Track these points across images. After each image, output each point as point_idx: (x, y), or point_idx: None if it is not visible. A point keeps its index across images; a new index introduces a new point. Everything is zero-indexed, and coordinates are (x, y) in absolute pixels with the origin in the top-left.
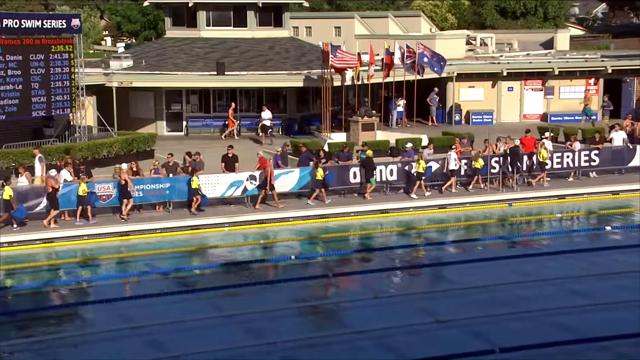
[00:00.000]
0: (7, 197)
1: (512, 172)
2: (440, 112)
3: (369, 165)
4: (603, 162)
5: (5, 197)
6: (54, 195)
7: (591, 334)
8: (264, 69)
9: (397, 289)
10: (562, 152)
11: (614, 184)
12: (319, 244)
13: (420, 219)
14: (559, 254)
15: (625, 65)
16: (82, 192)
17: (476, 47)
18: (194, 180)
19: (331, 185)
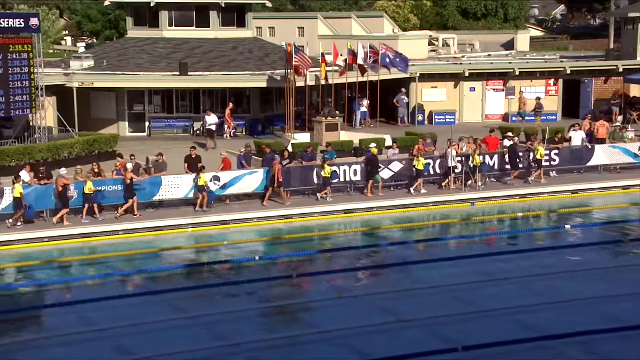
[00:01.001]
0: (18, 194)
1: (511, 169)
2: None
3: (373, 163)
4: (563, 162)
5: (16, 194)
6: (64, 193)
7: (551, 331)
8: (227, 69)
9: (361, 289)
10: (523, 151)
11: (573, 183)
12: (283, 245)
13: (384, 219)
14: (520, 253)
15: (583, 66)
16: (88, 190)
17: (438, 48)
18: (200, 178)
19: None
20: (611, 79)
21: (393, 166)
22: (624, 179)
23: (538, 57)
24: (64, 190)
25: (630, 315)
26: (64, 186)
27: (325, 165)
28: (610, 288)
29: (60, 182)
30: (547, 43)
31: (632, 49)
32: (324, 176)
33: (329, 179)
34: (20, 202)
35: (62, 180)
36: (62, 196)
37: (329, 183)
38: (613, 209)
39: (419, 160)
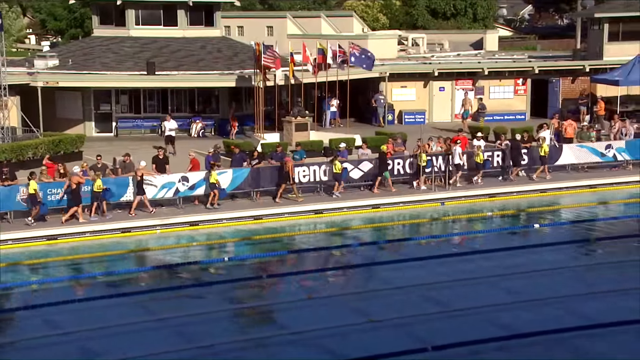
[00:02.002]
0: (33, 190)
1: (513, 166)
2: (373, 112)
3: (382, 160)
4: (531, 161)
5: (31, 191)
6: (77, 191)
7: (522, 330)
8: (196, 68)
9: (331, 289)
10: (492, 151)
11: (542, 182)
12: (253, 245)
13: (354, 219)
14: (490, 252)
15: (551, 66)
16: (97, 187)
17: (408, 47)
18: (212, 175)
19: (262, 185)
20: (578, 78)
21: (363, 166)
22: (591, 178)
23: (507, 57)
24: (78, 188)
25: (599, 313)
26: (78, 184)
27: (337, 162)
28: (579, 286)
29: (74, 180)
30: (516, 43)
31: (598, 49)
32: (335, 172)
33: (339, 175)
34: (35, 199)
35: (77, 178)
36: (75, 194)
37: (339, 179)
38: (581, 207)
39: (421, 157)
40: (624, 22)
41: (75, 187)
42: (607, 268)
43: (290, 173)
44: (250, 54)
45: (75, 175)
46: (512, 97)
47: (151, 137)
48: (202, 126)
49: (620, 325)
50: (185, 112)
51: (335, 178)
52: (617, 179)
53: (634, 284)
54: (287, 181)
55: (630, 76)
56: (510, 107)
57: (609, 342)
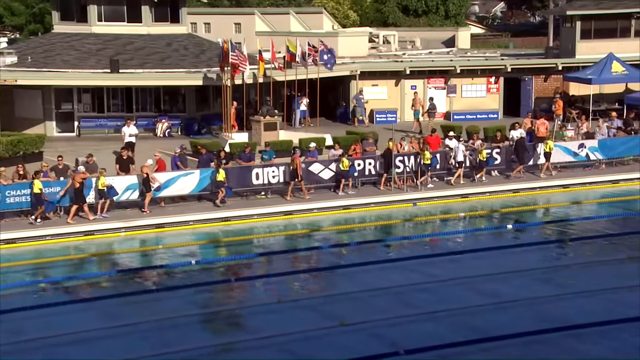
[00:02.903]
0: (38, 190)
1: (518, 163)
2: (343, 111)
3: (388, 157)
4: (504, 161)
5: (36, 190)
6: (81, 189)
7: (496, 333)
8: (161, 66)
9: (301, 293)
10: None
11: (515, 182)
12: (221, 248)
13: (325, 221)
14: (463, 254)
15: (523, 64)
16: (101, 185)
17: (379, 45)
18: (220, 173)
19: (233, 187)
20: (551, 77)
21: (334, 166)
22: (564, 178)
23: (479, 55)
24: (82, 186)
25: (573, 315)
26: (82, 182)
27: (344, 159)
28: (552, 288)
29: (78, 178)
30: (488, 40)
31: (571, 47)
32: (343, 169)
33: (347, 172)
34: (40, 198)
35: (80, 175)
36: (79, 192)
37: (347, 176)
38: (554, 208)
39: (425, 155)
40: (596, 20)
41: (78, 186)
42: (580, 268)
43: (298, 170)
44: (217, 52)
45: (79, 173)
46: (484, 95)
47: (115, 137)
48: (168, 126)
49: (595, 326)
50: (151, 111)
51: (342, 176)
52: (590, 178)
53: (605, 285)
54: (296, 178)
55: (602, 75)
56: (482, 106)
57: (590, 342)
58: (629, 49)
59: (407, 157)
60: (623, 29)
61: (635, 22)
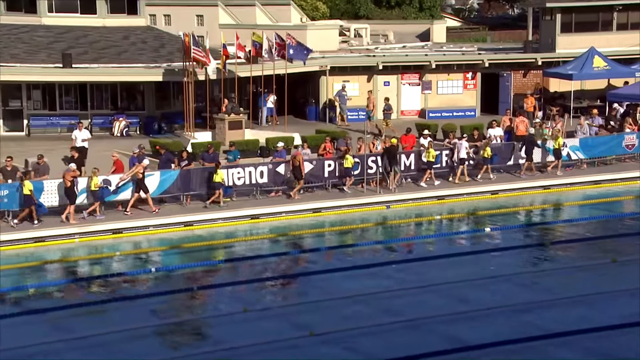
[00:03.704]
0: (28, 191)
1: (526, 159)
2: (313, 109)
3: (392, 154)
4: (481, 160)
5: (26, 191)
6: (72, 188)
7: (474, 342)
8: (118, 61)
9: (269, 301)
10: (440, 150)
11: (492, 183)
12: (183, 254)
13: (294, 224)
14: (440, 259)
15: (502, 59)
16: (94, 186)
17: (350, 39)
18: (218, 174)
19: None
20: (530, 72)
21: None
22: (545, 178)
23: (455, 50)
24: (72, 185)
25: (553, 323)
26: (72, 180)
27: (348, 156)
28: (531, 295)
29: (68, 177)
30: (465, 34)
31: (551, 41)
32: (346, 167)
33: (350, 169)
34: (30, 200)
35: (70, 173)
36: (70, 191)
37: (350, 174)
38: (534, 210)
39: (429, 152)
40: (577, 12)
41: (69, 185)
42: (560, 273)
43: (301, 168)
44: (178, 46)
45: (69, 171)
46: (461, 92)
47: (68, 136)
48: (125, 125)
49: (576, 334)
50: (107, 109)
51: (346, 173)
52: (572, 179)
53: (588, 290)
54: (299, 178)
55: (584, 70)
56: (459, 103)
57: (571, 350)
58: (611, 43)
59: (381, 157)
60: (605, 22)
61: (617, 14)
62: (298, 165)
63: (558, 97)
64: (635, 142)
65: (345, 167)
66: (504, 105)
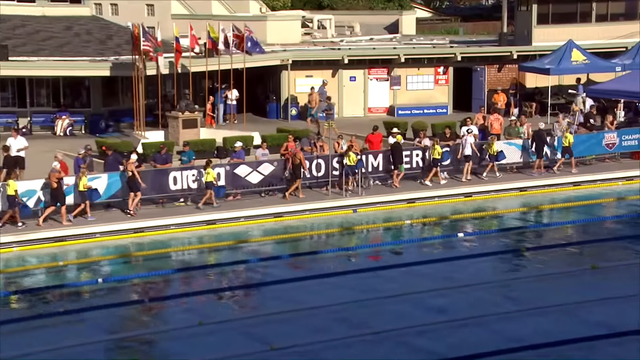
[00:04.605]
0: (12, 192)
1: (537, 157)
2: (274, 106)
3: (398, 151)
4: (454, 161)
5: (10, 192)
6: (59, 188)
7: (448, 355)
8: (60, 54)
9: (225, 314)
10: (410, 149)
11: (466, 185)
12: (133, 263)
13: (253, 230)
14: (409, 266)
15: (475, 52)
16: (83, 187)
17: (313, 31)
18: (208, 173)
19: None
20: (505, 66)
21: (263, 169)
22: (521, 179)
23: (426, 42)
24: (59, 186)
25: (528, 334)
26: (59, 180)
27: (351, 153)
28: (507, 304)
29: (53, 177)
30: (436, 26)
31: (527, 33)
32: (349, 164)
33: (353, 167)
34: (14, 201)
35: (56, 174)
36: (57, 192)
37: (353, 172)
38: (509, 213)
39: (435, 149)
40: (555, 3)
41: (56, 185)
42: (537, 281)
43: (303, 165)
44: (127, 38)
45: (55, 171)
46: (432, 87)
47: (5, 135)
48: (69, 123)
49: (547, 347)
50: (49, 106)
51: (350, 171)
52: (549, 180)
53: (565, 299)
54: (299, 176)
55: (561, 64)
56: (430, 100)
57: None
58: (590, 35)
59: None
60: (583, 13)
61: (596, 5)
62: (299, 163)
63: (536, 93)
64: (616, 141)
65: (348, 165)
66: (478, 101)
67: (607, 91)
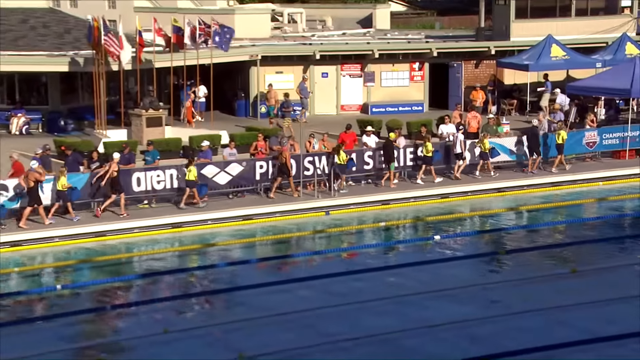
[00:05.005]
0: None
1: (530, 156)
2: (243, 103)
3: (390, 149)
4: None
5: None
6: (36, 189)
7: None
8: (15, 48)
9: (192, 321)
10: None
11: (443, 186)
12: (94, 269)
13: (221, 234)
14: (383, 270)
15: (452, 47)
16: (62, 186)
17: (283, 25)
18: (190, 171)
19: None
20: (483, 62)
21: (231, 169)
22: (500, 180)
23: (401, 37)
24: (36, 186)
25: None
26: (37, 182)
27: (341, 152)
28: (478, 310)
29: (32, 177)
30: (411, 20)
31: (505, 28)
32: (339, 164)
33: (344, 166)
34: None
35: (34, 174)
36: (34, 193)
37: (344, 172)
38: (487, 215)
39: (426, 146)
40: None
41: (33, 185)
42: (516, 284)
43: (287, 164)
44: (86, 31)
45: (34, 171)
46: (407, 84)
47: None
48: (25, 121)
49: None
50: (3, 103)
51: (339, 170)
52: (529, 180)
53: (545, 303)
54: (285, 174)
55: (541, 60)
56: (405, 97)
57: None
58: (569, 30)
59: (319, 157)
60: (563, 7)
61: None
62: (285, 162)
63: (515, 89)
64: (597, 140)
65: (338, 165)
66: (455, 99)
67: (587, 88)
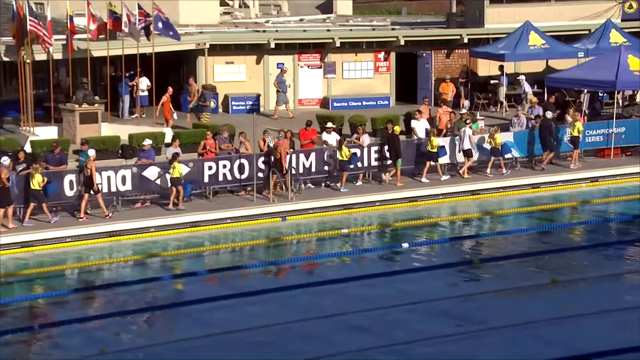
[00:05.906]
0: None
1: (543, 150)
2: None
3: (396, 144)
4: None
5: None
6: (7, 188)
7: None
8: None
9: (134, 339)
10: (347, 147)
11: (412, 188)
12: (21, 283)
13: (165, 242)
14: (345, 282)
15: (420, 35)
16: (37, 184)
17: (234, 10)
18: (175, 168)
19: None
20: (455, 52)
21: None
22: (473, 181)
23: (364, 24)
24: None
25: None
26: (7, 179)
27: (343, 147)
28: (450, 325)
29: (4, 174)
30: (375, 5)
31: (478, 14)
32: (341, 160)
33: (346, 163)
34: None
35: (5, 171)
36: (5, 192)
37: (346, 168)
38: (461, 220)
39: (431, 141)
40: None
41: (6, 184)
42: (491, 296)
43: (282, 161)
44: (9, 16)
45: (4, 167)
46: (371, 76)
47: None
48: None
49: None
50: None
51: (341, 167)
52: (505, 182)
53: (525, 317)
54: (281, 172)
55: (518, 49)
56: (369, 90)
57: None
58: (549, 16)
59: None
60: None
61: None
62: (280, 157)
63: (489, 82)
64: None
65: (340, 161)
66: (424, 92)
67: (568, 80)
